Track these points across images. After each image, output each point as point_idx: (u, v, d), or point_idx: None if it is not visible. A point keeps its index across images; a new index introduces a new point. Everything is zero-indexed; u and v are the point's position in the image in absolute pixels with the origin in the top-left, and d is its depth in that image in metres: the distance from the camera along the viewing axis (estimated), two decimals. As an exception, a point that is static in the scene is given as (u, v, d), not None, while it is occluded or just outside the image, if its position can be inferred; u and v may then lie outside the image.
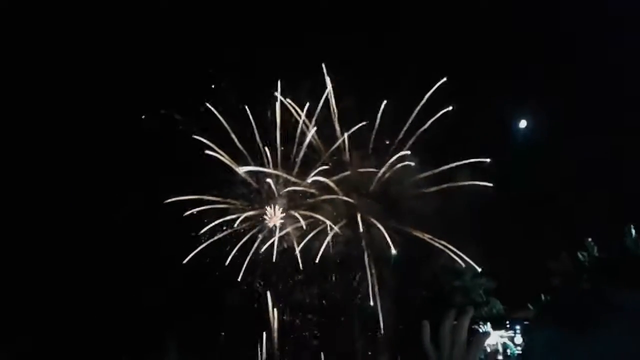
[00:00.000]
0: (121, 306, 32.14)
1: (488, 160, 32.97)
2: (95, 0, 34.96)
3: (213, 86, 34.27)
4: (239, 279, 32.58)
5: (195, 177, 33.27)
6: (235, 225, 33.17)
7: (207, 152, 33.41)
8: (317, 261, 32.41)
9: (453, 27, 33.32)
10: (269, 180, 33.80)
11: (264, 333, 33.25)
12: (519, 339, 31.93)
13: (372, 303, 32.57)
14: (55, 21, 34.08)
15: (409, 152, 32.64)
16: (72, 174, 33.89)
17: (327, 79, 33.69)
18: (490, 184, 32.38)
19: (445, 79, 32.73)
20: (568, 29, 32.81)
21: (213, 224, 32.98)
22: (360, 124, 33.09)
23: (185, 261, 32.63)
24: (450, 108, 32.51)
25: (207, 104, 33.70)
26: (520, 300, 33.33)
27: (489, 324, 31.98)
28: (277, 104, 33.63)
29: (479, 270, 32.76)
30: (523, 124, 33.90)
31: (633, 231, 31.84)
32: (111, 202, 33.70)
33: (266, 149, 33.73)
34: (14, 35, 34.40)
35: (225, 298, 32.56)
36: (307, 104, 33.57)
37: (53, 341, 31.85)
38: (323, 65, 33.58)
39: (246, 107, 33.60)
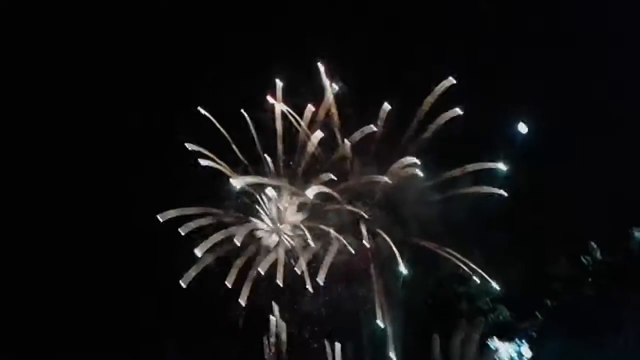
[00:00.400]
0: (121, 322, 32.27)
1: (489, 165, 32.78)
2: (96, 4, 34.96)
3: (211, 92, 33.91)
4: (243, 291, 32.34)
5: (193, 188, 33.10)
6: (237, 237, 32.80)
7: (207, 162, 33.22)
8: (322, 272, 32.24)
9: (455, 30, 33.49)
10: (270, 190, 33.55)
11: (272, 344, 33.06)
12: (525, 350, 31.57)
13: (379, 312, 32.32)
14: (56, 28, 34.17)
15: (413, 159, 32.40)
16: (66, 190, 33.89)
17: (327, 83, 33.48)
18: (494, 189, 32.21)
19: (451, 79, 32.45)
20: (568, 29, 32.95)
21: (214, 236, 32.70)
22: (362, 130, 32.98)
23: (187, 275, 32.33)
24: (455, 113, 32.33)
25: (204, 111, 33.27)
26: (526, 306, 33.25)
27: (495, 338, 31.72)
28: (277, 111, 33.47)
29: (485, 277, 32.45)
30: (523, 127, 33.74)
31: (638, 234, 31.74)
32: (107, 218, 33.69)
33: (266, 157, 33.51)
34: (14, 36, 34.54)
35: (230, 311, 32.35)
36: (309, 111, 33.42)
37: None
38: (322, 68, 33.25)
39: (245, 114, 33.37)
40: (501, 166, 32.32)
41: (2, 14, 34.38)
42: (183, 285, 32.07)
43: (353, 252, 32.68)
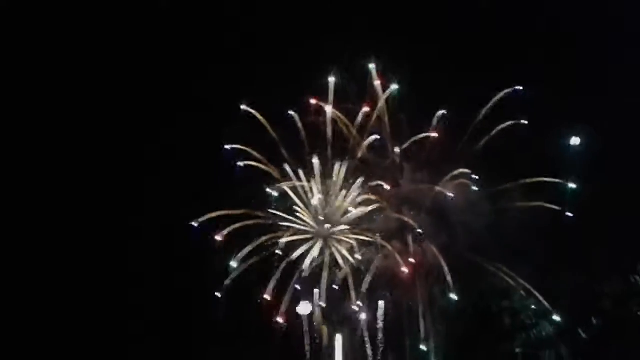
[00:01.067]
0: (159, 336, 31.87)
1: (542, 179, 32.06)
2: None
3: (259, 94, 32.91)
4: (285, 297, 31.72)
5: (240, 191, 32.24)
6: (283, 240, 32.08)
7: (251, 163, 32.50)
8: (366, 278, 31.65)
9: (513, 42, 32.63)
10: (317, 194, 32.72)
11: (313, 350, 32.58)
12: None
13: (422, 323, 31.83)
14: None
15: (466, 170, 31.65)
16: (98, 190, 33.32)
17: (379, 87, 32.61)
18: (550, 205, 31.56)
19: (512, 89, 31.90)
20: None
21: (259, 241, 31.97)
22: (414, 138, 32.26)
23: (226, 282, 31.87)
24: (517, 123, 31.66)
25: (252, 110, 32.44)
26: (570, 323, 32.85)
27: None
28: (328, 115, 32.60)
29: (533, 291, 31.95)
30: (576, 141, 32.98)
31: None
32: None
33: (315, 161, 32.65)
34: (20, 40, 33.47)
35: (272, 316, 31.72)
36: (362, 114, 32.60)
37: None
38: (374, 70, 32.47)
39: (296, 116, 32.53)
40: (562, 182, 31.53)
41: (4, 14, 33.18)
42: (219, 293, 31.88)
43: (400, 260, 32.01)
